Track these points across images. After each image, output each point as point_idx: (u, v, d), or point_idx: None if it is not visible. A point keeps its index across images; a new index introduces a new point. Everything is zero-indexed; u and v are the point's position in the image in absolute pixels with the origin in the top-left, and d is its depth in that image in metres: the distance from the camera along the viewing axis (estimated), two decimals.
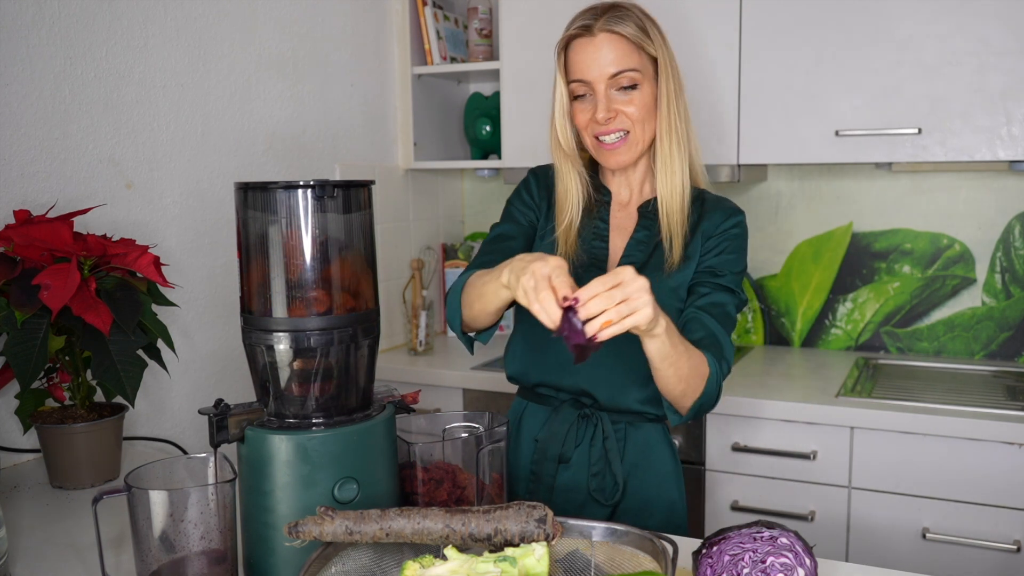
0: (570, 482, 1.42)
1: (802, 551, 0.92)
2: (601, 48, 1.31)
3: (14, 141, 1.56)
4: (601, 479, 1.40)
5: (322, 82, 2.30)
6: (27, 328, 1.32)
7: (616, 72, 1.31)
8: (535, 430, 1.45)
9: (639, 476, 1.41)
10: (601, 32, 1.31)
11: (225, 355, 2.00)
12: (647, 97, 1.33)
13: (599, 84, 1.32)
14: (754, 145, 2.15)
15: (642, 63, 1.33)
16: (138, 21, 1.77)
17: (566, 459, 1.41)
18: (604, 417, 1.40)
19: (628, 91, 1.32)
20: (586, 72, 1.33)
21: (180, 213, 1.89)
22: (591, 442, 1.40)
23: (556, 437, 1.41)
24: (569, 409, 1.41)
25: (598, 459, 1.40)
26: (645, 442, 1.42)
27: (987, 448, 1.79)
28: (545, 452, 1.42)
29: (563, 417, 1.41)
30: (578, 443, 1.41)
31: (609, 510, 1.41)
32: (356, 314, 1.02)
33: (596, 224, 1.44)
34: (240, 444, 1.01)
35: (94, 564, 1.12)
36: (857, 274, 2.41)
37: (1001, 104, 1.93)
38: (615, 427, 1.40)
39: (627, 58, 1.31)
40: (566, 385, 1.41)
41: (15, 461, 1.56)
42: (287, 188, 0.98)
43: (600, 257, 1.41)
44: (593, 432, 1.40)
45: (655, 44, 1.33)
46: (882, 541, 1.89)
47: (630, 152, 1.36)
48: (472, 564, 0.86)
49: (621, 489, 1.39)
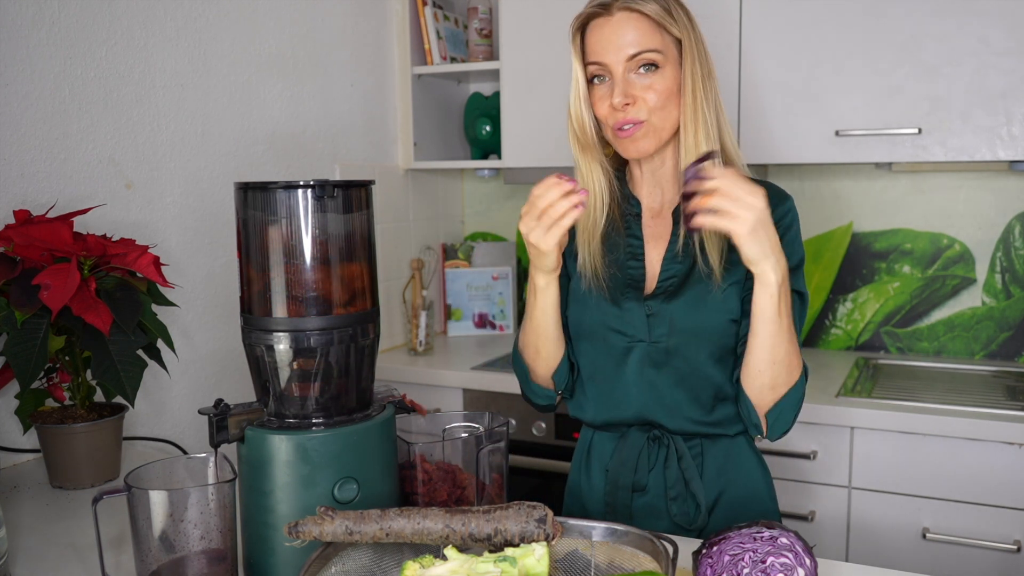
0: (648, 509, 1.31)
1: (802, 551, 0.92)
2: (619, 27, 1.20)
3: (14, 141, 1.56)
4: (682, 503, 1.28)
5: (322, 82, 2.30)
6: (27, 328, 1.32)
7: (635, 53, 1.19)
8: (605, 459, 1.34)
9: (726, 492, 1.30)
10: (620, 11, 1.20)
11: (225, 355, 2.00)
12: (669, 81, 1.21)
13: (617, 66, 1.20)
14: (754, 145, 2.15)
15: (664, 44, 1.21)
16: (138, 21, 1.77)
17: (640, 487, 1.30)
18: (676, 438, 1.28)
19: (648, 74, 1.20)
20: (603, 53, 1.21)
21: (180, 213, 1.89)
22: (665, 465, 1.29)
23: (627, 465, 1.30)
24: (637, 434, 1.30)
25: (675, 482, 1.28)
26: (727, 456, 1.30)
27: (987, 448, 1.79)
28: (617, 481, 1.31)
29: (631, 443, 1.30)
30: (651, 468, 1.30)
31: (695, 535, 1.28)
32: (356, 314, 1.02)
33: (629, 242, 1.31)
34: (240, 444, 1.01)
35: (94, 564, 1.12)
36: (857, 274, 2.41)
37: (1001, 104, 1.93)
38: (690, 444, 1.29)
39: (647, 38, 1.19)
40: (628, 419, 1.30)
41: (15, 461, 1.56)
42: (287, 188, 0.98)
43: (637, 278, 1.29)
44: (666, 455, 1.29)
45: (679, 24, 1.21)
46: (882, 541, 1.89)
47: (648, 140, 1.23)
48: (472, 564, 0.86)
49: (706, 511, 1.27)
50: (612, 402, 1.30)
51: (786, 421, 1.21)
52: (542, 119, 2.34)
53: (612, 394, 1.29)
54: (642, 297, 1.27)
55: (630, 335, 1.26)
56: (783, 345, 1.14)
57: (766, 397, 1.19)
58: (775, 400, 1.19)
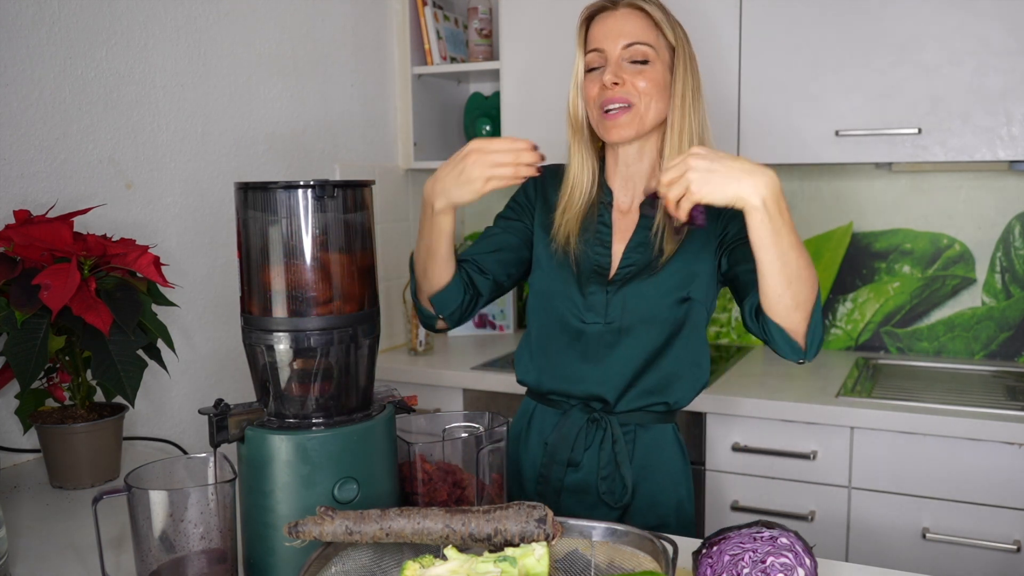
0: (579, 484, 1.42)
1: (802, 551, 0.92)
2: (622, 19, 1.33)
3: (14, 141, 1.56)
4: (611, 482, 1.40)
5: (322, 82, 2.30)
6: (27, 328, 1.32)
7: (631, 42, 1.31)
8: (545, 432, 1.45)
9: (649, 477, 1.41)
10: (625, 6, 1.33)
11: (225, 355, 2.00)
12: (659, 76, 1.32)
13: (613, 52, 1.32)
14: (754, 145, 2.15)
15: (658, 43, 1.33)
16: (138, 21, 1.77)
17: (575, 463, 1.42)
18: (613, 421, 1.40)
19: (641, 65, 1.32)
20: (602, 40, 1.33)
21: (180, 213, 1.89)
22: (600, 445, 1.40)
23: (566, 441, 1.41)
24: (579, 413, 1.41)
25: (607, 462, 1.39)
26: (655, 443, 1.41)
27: (987, 448, 1.79)
28: (554, 456, 1.42)
29: (572, 421, 1.41)
30: (587, 447, 1.41)
31: (619, 512, 1.41)
32: (356, 314, 1.02)
33: (599, 228, 1.42)
34: (240, 444, 1.01)
35: (94, 564, 1.12)
36: (857, 274, 2.41)
37: (1001, 104, 1.93)
38: (624, 429, 1.40)
39: (645, 32, 1.32)
40: (576, 392, 1.41)
41: (15, 461, 1.56)
42: (287, 188, 0.98)
43: (604, 265, 1.41)
44: (603, 436, 1.40)
45: (675, 34, 1.34)
46: (882, 541, 1.89)
47: (632, 126, 1.33)
48: (472, 564, 0.86)
49: (631, 491, 1.39)
50: (560, 375, 1.41)
51: (818, 335, 1.20)
52: (542, 119, 2.33)
53: (562, 368, 1.40)
54: (605, 283, 1.38)
55: (589, 321, 1.38)
56: (792, 262, 1.13)
57: (794, 318, 1.17)
58: (806, 318, 1.17)
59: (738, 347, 2.52)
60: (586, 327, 1.38)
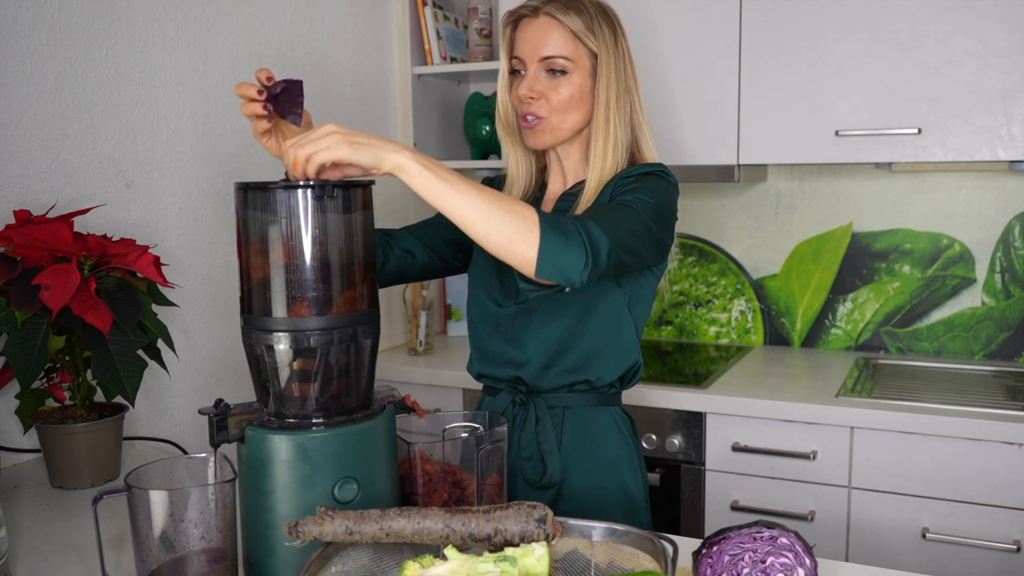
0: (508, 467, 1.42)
1: (802, 551, 0.92)
2: (539, 30, 1.33)
3: (14, 141, 1.56)
4: (532, 462, 1.41)
5: (322, 82, 2.30)
6: (27, 328, 1.32)
7: (546, 56, 1.32)
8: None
9: (583, 460, 1.41)
10: (544, 15, 1.33)
11: (225, 355, 2.00)
12: (575, 88, 1.33)
13: (531, 64, 1.34)
14: (754, 145, 2.15)
15: (577, 55, 1.33)
16: (138, 21, 1.77)
17: None
18: (540, 402, 1.41)
19: (556, 77, 1.33)
20: (521, 49, 1.35)
21: (180, 213, 1.89)
22: (523, 426, 1.42)
23: None
24: (505, 396, 1.44)
25: (529, 443, 1.41)
26: (587, 425, 1.42)
27: (987, 448, 1.79)
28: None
29: (499, 403, 1.45)
30: (516, 430, 1.42)
31: (552, 493, 1.41)
32: (356, 314, 1.02)
33: None
34: (240, 444, 1.01)
35: (94, 564, 1.12)
36: (857, 274, 2.41)
37: (1001, 104, 1.93)
38: (552, 411, 1.41)
39: (562, 46, 1.32)
40: (502, 375, 1.44)
41: (15, 461, 1.56)
42: (287, 188, 0.98)
43: None
44: (526, 417, 1.42)
45: (598, 39, 1.33)
46: (882, 541, 1.89)
47: (546, 136, 1.36)
48: (472, 564, 0.86)
49: (557, 473, 1.39)
50: (488, 360, 1.45)
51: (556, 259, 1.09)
52: None
53: (490, 354, 1.44)
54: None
55: (504, 304, 1.41)
56: (477, 199, 1.06)
57: (517, 249, 1.08)
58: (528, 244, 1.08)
59: (738, 347, 2.52)
60: (501, 311, 1.41)
